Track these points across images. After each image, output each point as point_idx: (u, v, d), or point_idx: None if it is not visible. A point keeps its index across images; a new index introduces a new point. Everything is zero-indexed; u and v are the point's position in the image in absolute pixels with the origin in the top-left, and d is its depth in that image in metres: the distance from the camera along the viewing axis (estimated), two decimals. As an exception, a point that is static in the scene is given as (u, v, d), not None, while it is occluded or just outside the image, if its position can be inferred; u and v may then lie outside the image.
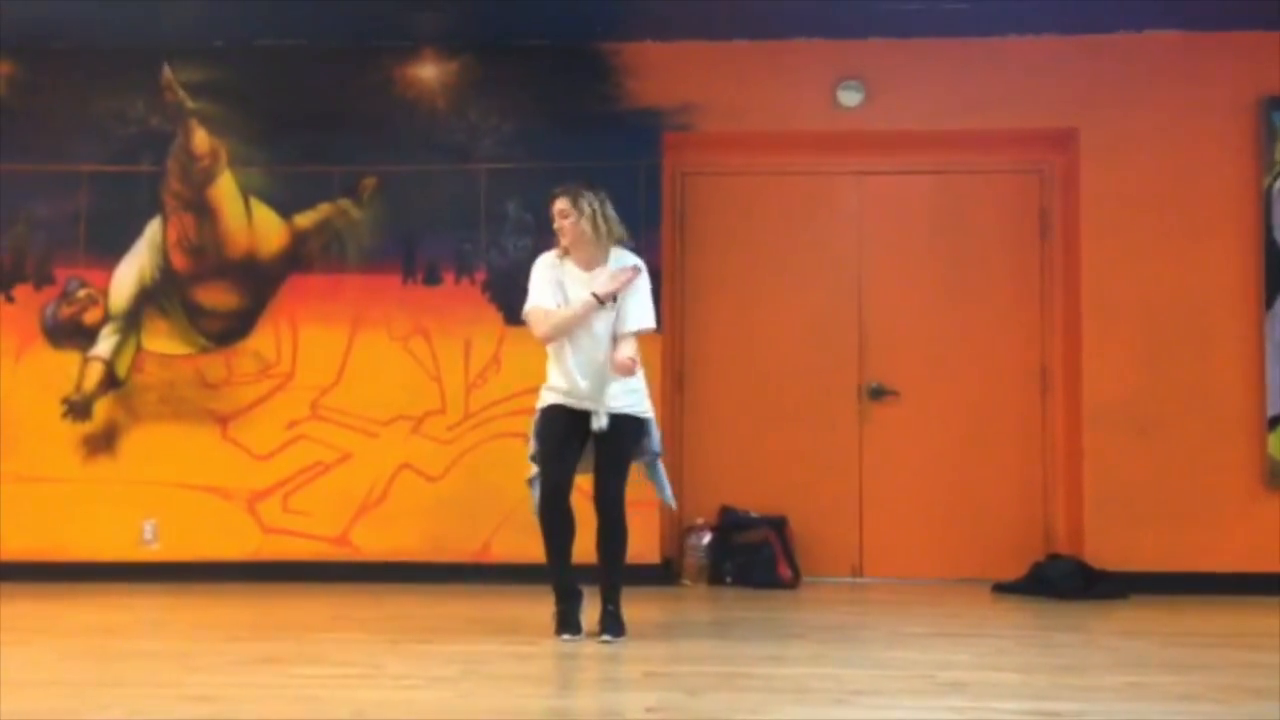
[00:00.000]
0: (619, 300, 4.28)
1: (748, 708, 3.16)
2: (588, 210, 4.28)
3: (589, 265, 4.33)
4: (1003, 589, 5.89)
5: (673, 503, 4.57)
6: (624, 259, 4.35)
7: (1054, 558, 5.98)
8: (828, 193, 6.52)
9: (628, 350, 4.22)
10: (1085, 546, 5.95)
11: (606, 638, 4.19)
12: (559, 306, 4.28)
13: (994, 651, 4.17)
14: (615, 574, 4.32)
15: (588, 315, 4.24)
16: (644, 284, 4.35)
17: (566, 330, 4.25)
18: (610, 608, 4.29)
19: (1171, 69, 6.12)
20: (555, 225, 4.34)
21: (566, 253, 4.35)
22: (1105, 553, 5.88)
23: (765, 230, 6.47)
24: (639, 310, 4.31)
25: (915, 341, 6.39)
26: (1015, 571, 5.98)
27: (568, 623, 4.25)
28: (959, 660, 3.93)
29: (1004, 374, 6.36)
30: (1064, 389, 6.28)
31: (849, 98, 6.25)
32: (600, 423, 4.23)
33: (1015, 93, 6.19)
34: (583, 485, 4.34)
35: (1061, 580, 5.71)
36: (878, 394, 6.37)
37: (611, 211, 4.34)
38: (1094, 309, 6.07)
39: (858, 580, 6.31)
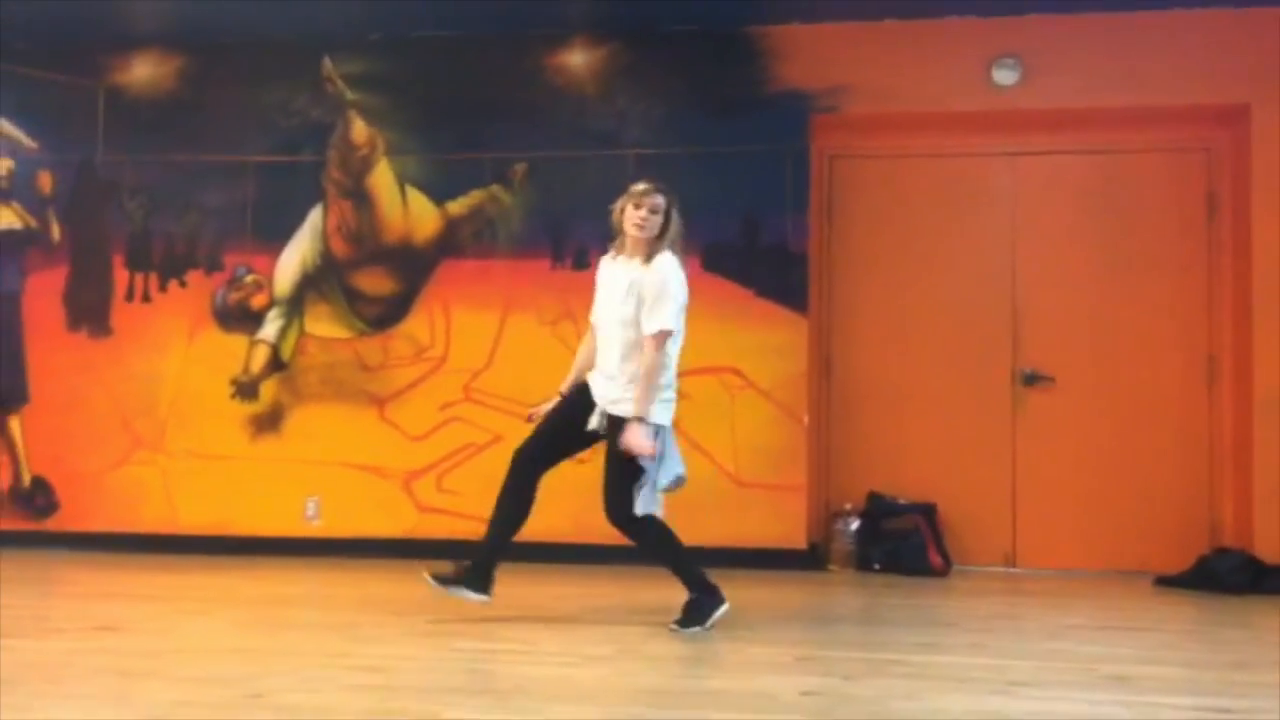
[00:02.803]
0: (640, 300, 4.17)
1: (904, 694, 3.14)
2: (672, 216, 4.23)
3: (633, 256, 4.24)
4: (1165, 582, 5.69)
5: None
6: (662, 262, 4.16)
7: (1221, 551, 5.75)
8: (981, 174, 6.37)
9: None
10: (1254, 540, 5.70)
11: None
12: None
13: (1158, 646, 4.06)
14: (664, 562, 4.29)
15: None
16: (661, 284, 4.13)
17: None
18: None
19: (1351, 40, 5.80)
20: (642, 218, 4.15)
21: (621, 250, 4.28)
22: (1276, 547, 5.63)
23: (915, 213, 6.36)
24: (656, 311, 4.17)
25: (1072, 327, 6.21)
26: (1177, 565, 5.77)
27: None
28: (1121, 654, 3.83)
29: (1167, 361, 6.13)
30: (1232, 377, 6.02)
31: (1004, 76, 6.09)
32: (594, 422, 4.27)
33: (1180, 68, 5.94)
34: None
35: (1228, 574, 5.49)
36: (1032, 380, 6.21)
37: None
38: (1266, 294, 5.79)
39: (1011, 570, 6.17)
